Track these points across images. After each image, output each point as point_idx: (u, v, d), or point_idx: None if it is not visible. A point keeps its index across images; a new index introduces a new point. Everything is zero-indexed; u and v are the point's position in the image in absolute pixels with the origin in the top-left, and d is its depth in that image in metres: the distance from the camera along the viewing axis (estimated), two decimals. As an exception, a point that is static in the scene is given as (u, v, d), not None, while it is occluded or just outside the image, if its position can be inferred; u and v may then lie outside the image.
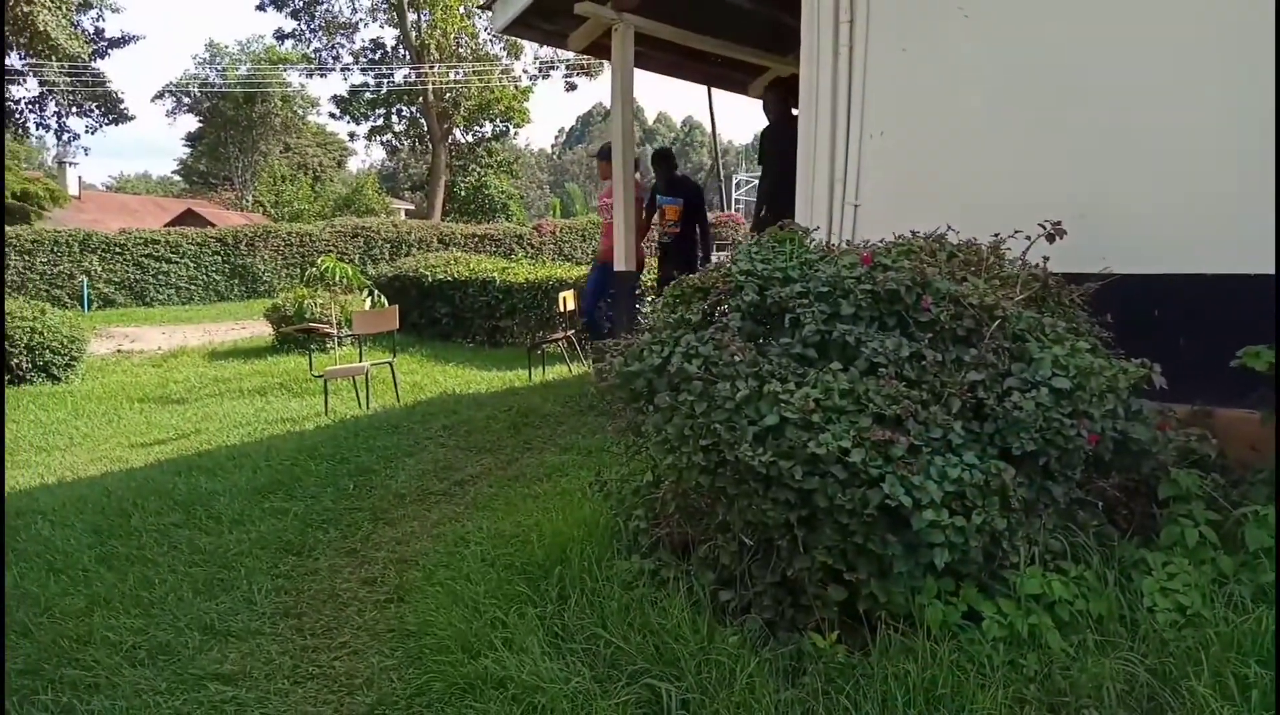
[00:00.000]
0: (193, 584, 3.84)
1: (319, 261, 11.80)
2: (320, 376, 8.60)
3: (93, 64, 28.32)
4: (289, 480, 5.22)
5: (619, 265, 6.84)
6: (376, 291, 12.66)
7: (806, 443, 2.60)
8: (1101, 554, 2.84)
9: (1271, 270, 3.62)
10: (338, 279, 11.92)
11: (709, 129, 58.00)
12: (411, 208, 42.62)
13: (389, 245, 25.18)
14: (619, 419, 3.49)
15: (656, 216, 7.88)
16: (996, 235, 3.65)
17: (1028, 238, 3.71)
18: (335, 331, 10.75)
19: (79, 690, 3.10)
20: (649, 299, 9.97)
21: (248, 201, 37.79)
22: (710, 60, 7.80)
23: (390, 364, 8.89)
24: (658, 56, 7.46)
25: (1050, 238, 3.70)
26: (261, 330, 15.31)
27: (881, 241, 3.55)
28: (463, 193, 36.38)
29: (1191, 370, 3.46)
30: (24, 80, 28.81)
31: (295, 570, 3.98)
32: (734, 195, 35.37)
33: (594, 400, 6.53)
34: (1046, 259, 3.63)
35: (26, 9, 24.82)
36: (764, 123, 7.30)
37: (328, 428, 7.27)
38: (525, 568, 3.45)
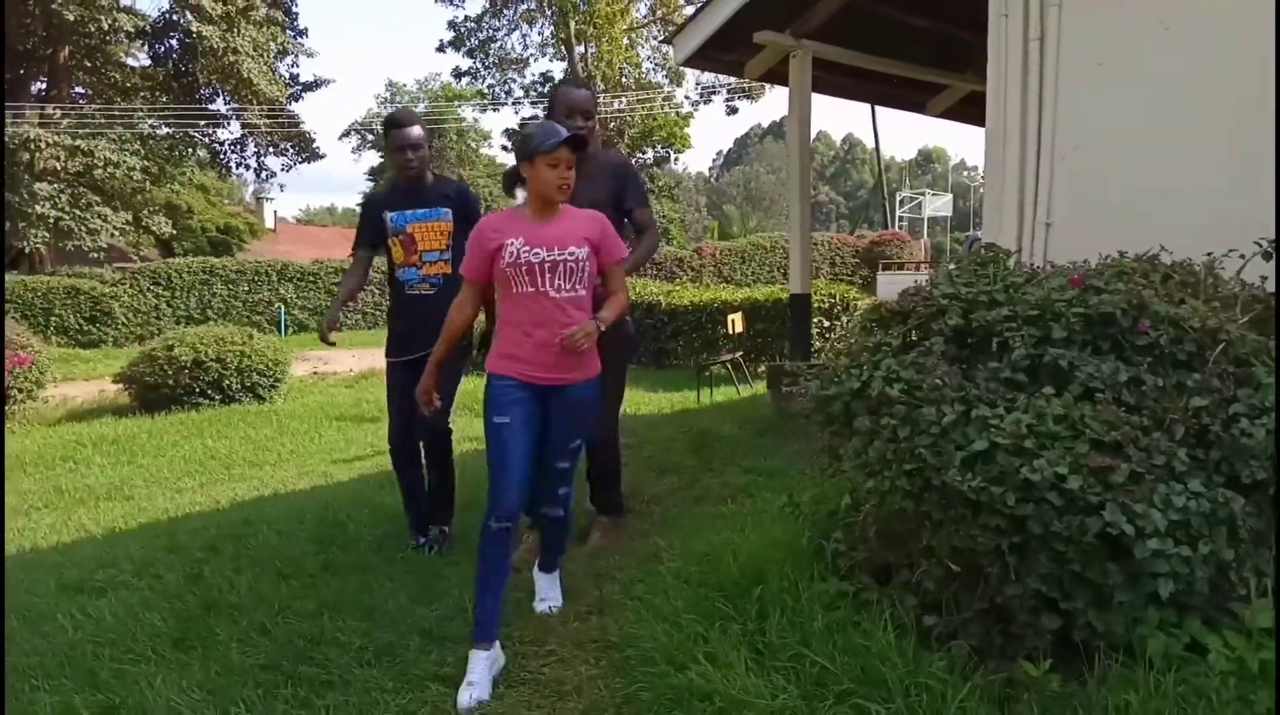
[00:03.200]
0: (409, 591, 4.11)
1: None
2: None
3: (288, 107, 30.58)
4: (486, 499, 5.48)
5: (795, 288, 6.88)
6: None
7: (1019, 468, 2.58)
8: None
9: None
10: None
11: (871, 146, 57.19)
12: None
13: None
14: (814, 442, 3.55)
15: (395, 250, 4.37)
16: (1210, 255, 3.51)
17: (1241, 256, 3.55)
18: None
19: (315, 686, 3.37)
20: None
21: (423, 231, 39.80)
22: (887, 80, 7.77)
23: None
24: (834, 80, 7.51)
25: (1267, 256, 3.54)
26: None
27: (1084, 262, 3.48)
28: (626, 218, 37.15)
29: None
30: (228, 123, 31.44)
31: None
32: (898, 213, 34.65)
33: (772, 422, 6.60)
34: (1265, 279, 3.46)
35: (232, 59, 27.08)
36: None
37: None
38: (722, 585, 3.54)
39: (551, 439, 3.29)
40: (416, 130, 4.25)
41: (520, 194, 3.33)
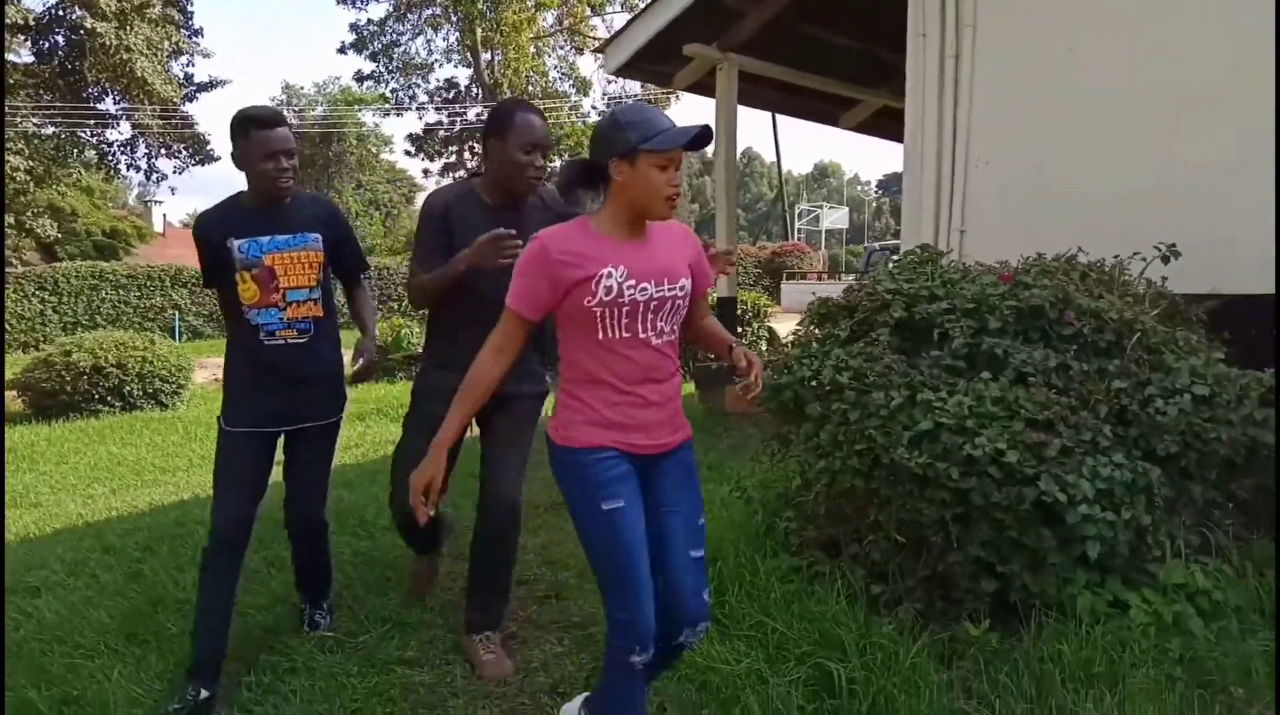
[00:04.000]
0: (364, 583, 4.17)
1: (416, 292, 12.28)
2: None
3: (182, 107, 29.60)
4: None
5: (722, 292, 7.15)
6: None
7: (962, 446, 2.84)
8: (1238, 551, 3.04)
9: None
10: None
11: (768, 159, 58.67)
12: (479, 241, 43.56)
13: (463, 277, 25.87)
14: (748, 436, 3.77)
15: (245, 286, 3.20)
16: (1117, 257, 3.88)
17: (1144, 259, 3.93)
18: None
19: (279, 673, 3.40)
20: None
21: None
22: (806, 94, 8.13)
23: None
24: (758, 93, 7.82)
25: (1165, 259, 3.93)
26: (345, 358, 15.90)
27: (1005, 263, 3.80)
28: (532, 226, 37.17)
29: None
30: (118, 124, 30.21)
31: (454, 571, 4.29)
32: (797, 225, 35.61)
33: (702, 421, 6.82)
34: (1165, 279, 3.85)
35: (125, 57, 26.08)
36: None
37: (440, 448, 7.63)
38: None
39: (675, 521, 2.35)
40: (287, 132, 3.07)
41: (585, 201, 2.45)
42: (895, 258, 4.04)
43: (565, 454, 2.29)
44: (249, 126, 3.02)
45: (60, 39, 27.83)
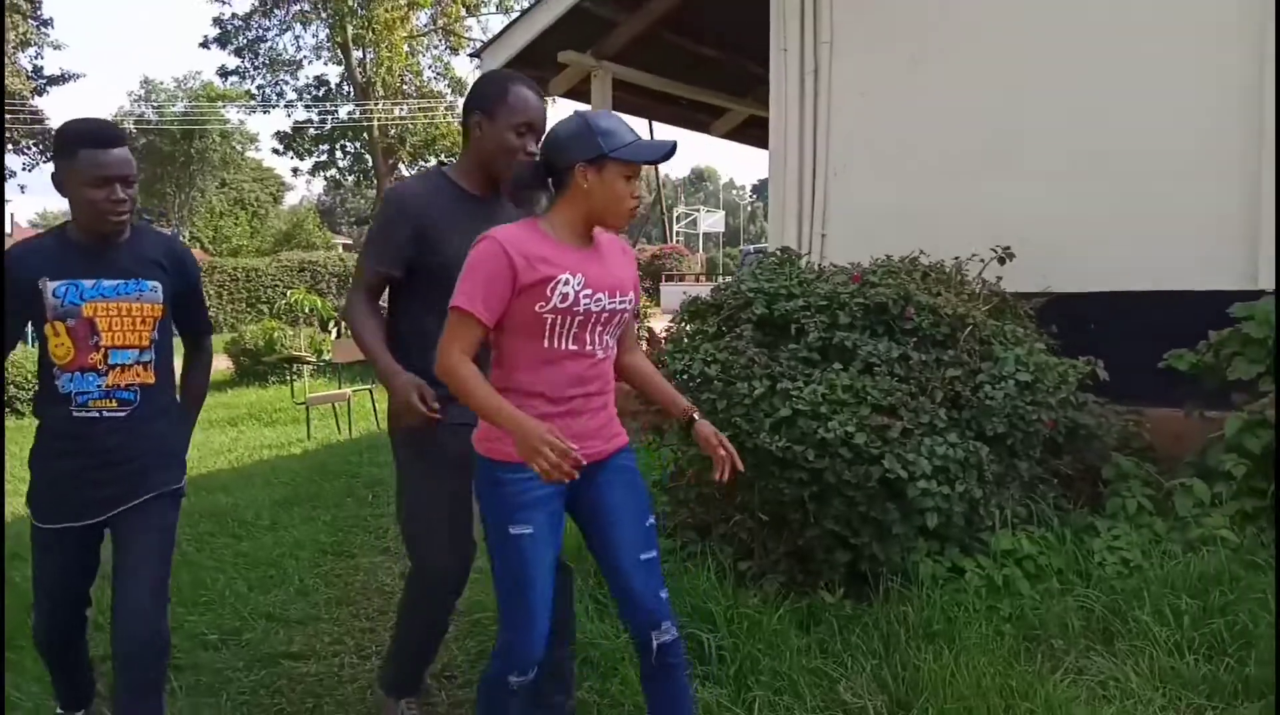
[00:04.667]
0: (246, 581, 4.19)
1: (290, 295, 12.09)
2: (303, 403, 8.92)
3: (30, 101, 28.06)
4: (308, 494, 5.58)
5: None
6: (343, 323, 12.97)
7: (817, 430, 3.12)
8: (1059, 520, 3.43)
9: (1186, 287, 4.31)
10: (307, 311, 12.20)
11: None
12: (350, 242, 42.70)
13: (336, 279, 25.36)
14: (641, 420, 3.97)
15: (56, 342, 2.43)
16: (957, 258, 4.26)
17: (981, 260, 4.33)
18: (314, 360, 11.05)
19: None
20: None
21: (184, 237, 37.49)
22: (678, 102, 8.41)
23: (370, 390, 9.25)
24: (631, 100, 8.04)
25: (1001, 260, 4.33)
26: (217, 364, 15.46)
27: (858, 263, 4.13)
28: (407, 227, 36.63)
29: (1124, 375, 4.06)
30: (-42, 119, 28.38)
31: (337, 568, 4.36)
32: (675, 228, 36.23)
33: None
34: (1000, 278, 4.25)
35: (-35, 46, 24.58)
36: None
37: (318, 452, 7.60)
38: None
39: (620, 526, 2.29)
40: (125, 153, 2.40)
41: (529, 198, 2.37)
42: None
43: (486, 467, 2.20)
44: (76, 145, 2.33)
45: (-109, 26, 26.06)
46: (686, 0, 6.71)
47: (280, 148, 36.50)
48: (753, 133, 9.33)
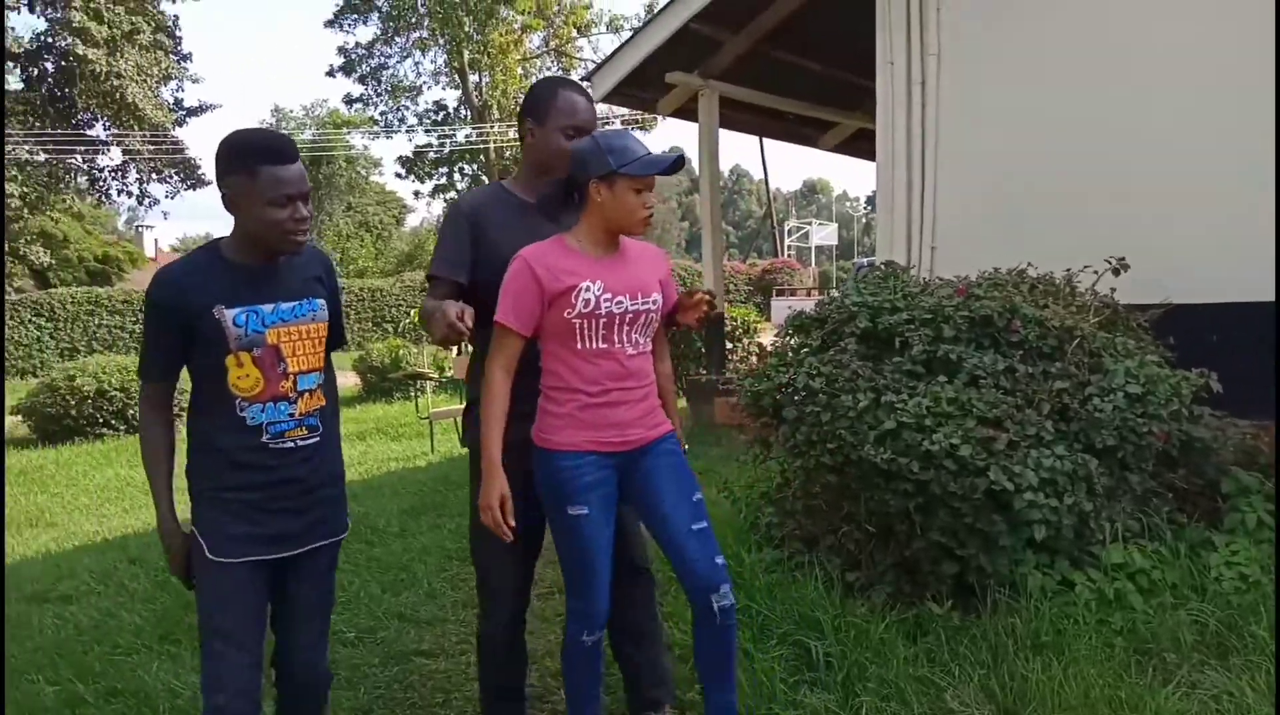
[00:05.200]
0: (379, 584, 4.48)
1: (412, 314, 12.60)
2: (426, 418, 9.32)
3: (172, 132, 29.93)
4: (434, 503, 5.89)
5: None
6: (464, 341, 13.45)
7: (921, 442, 3.17)
8: (1173, 534, 3.38)
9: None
10: (429, 328, 12.71)
11: (757, 177, 59.36)
12: (469, 261, 43.88)
13: (455, 297, 26.20)
14: (735, 445, 4.08)
15: (240, 372, 2.27)
16: (1068, 270, 4.22)
17: (1095, 272, 4.28)
18: (437, 377, 11.52)
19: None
20: None
21: (314, 259, 39.35)
22: (785, 118, 8.50)
23: (488, 405, 9.58)
24: (738, 117, 8.18)
25: (1115, 272, 4.27)
26: (345, 381, 16.23)
27: (965, 276, 4.14)
28: (522, 245, 37.62)
29: (1244, 387, 3.94)
30: (108, 149, 30.53)
31: (462, 572, 4.61)
32: (786, 242, 36.02)
33: (693, 431, 7.14)
34: (1114, 290, 4.19)
35: (116, 83, 26.44)
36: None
37: (441, 464, 7.95)
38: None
39: (669, 502, 2.49)
40: (302, 169, 2.26)
41: (556, 214, 2.56)
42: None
43: (542, 456, 2.46)
44: (255, 160, 2.16)
45: (50, 66, 28.21)
46: (791, 17, 6.81)
47: (402, 172, 37.97)
48: (863, 145, 9.34)
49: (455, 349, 13.16)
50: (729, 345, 12.36)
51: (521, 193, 2.68)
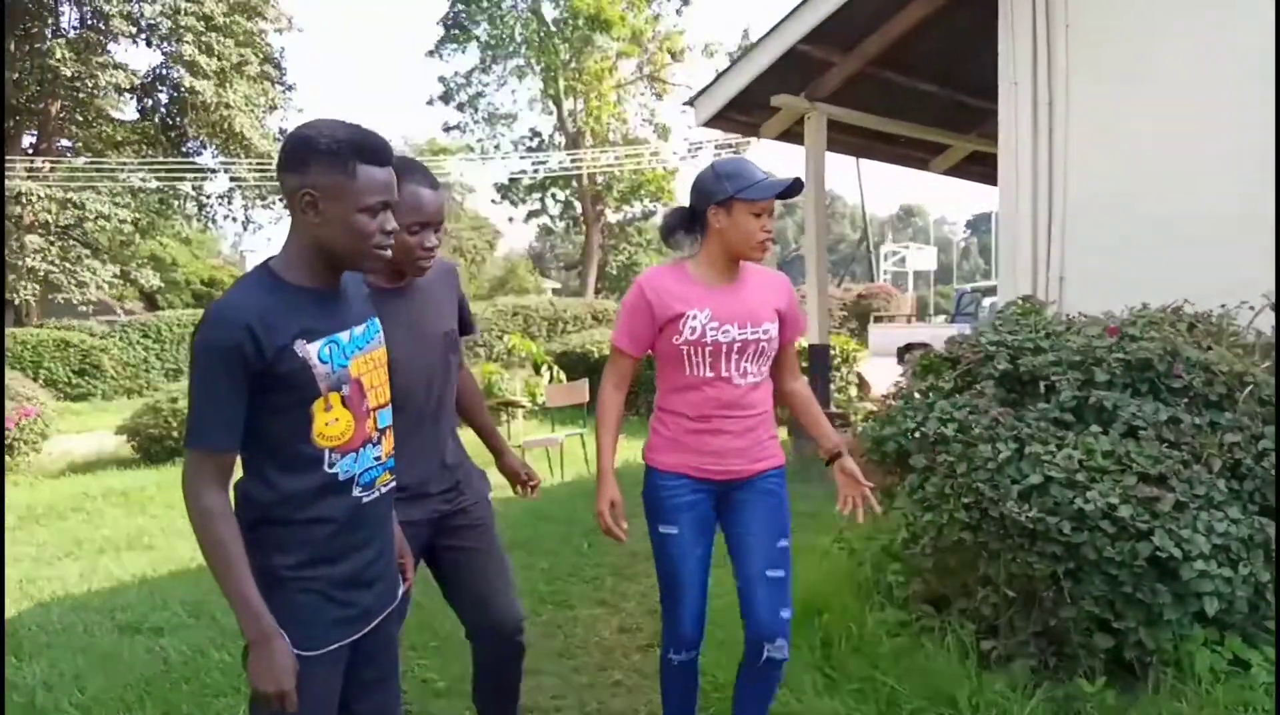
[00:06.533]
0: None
1: (507, 340, 12.60)
2: (519, 447, 9.21)
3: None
4: (525, 538, 5.71)
5: (814, 339, 7.20)
6: (556, 367, 13.37)
7: (1073, 500, 2.84)
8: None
9: None
10: (522, 356, 12.66)
11: (850, 201, 58.51)
12: (559, 286, 44.36)
13: (546, 322, 26.30)
14: (873, 479, 3.79)
15: (329, 417, 1.83)
16: (1224, 306, 3.83)
17: (1251, 308, 3.87)
18: (528, 405, 11.44)
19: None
20: None
21: (411, 283, 40.17)
22: (894, 140, 8.19)
23: (581, 435, 9.43)
24: (846, 140, 7.91)
25: (1275, 308, 3.86)
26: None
27: (1109, 313, 3.79)
28: (614, 271, 37.76)
29: None
30: (215, 177, 31.79)
31: (556, 618, 4.40)
32: (882, 266, 35.28)
33: (795, 468, 6.83)
34: (1276, 328, 3.78)
35: (225, 113, 27.51)
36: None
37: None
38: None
39: (752, 542, 2.49)
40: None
41: (685, 244, 2.55)
42: (989, 300, 4.01)
43: (647, 473, 2.62)
44: (356, 156, 1.75)
45: (163, 97, 29.53)
46: (903, 36, 6.52)
47: (497, 198, 38.54)
48: (975, 169, 8.95)
49: (548, 376, 13.10)
50: (829, 374, 12.04)
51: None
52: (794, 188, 2.41)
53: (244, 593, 1.70)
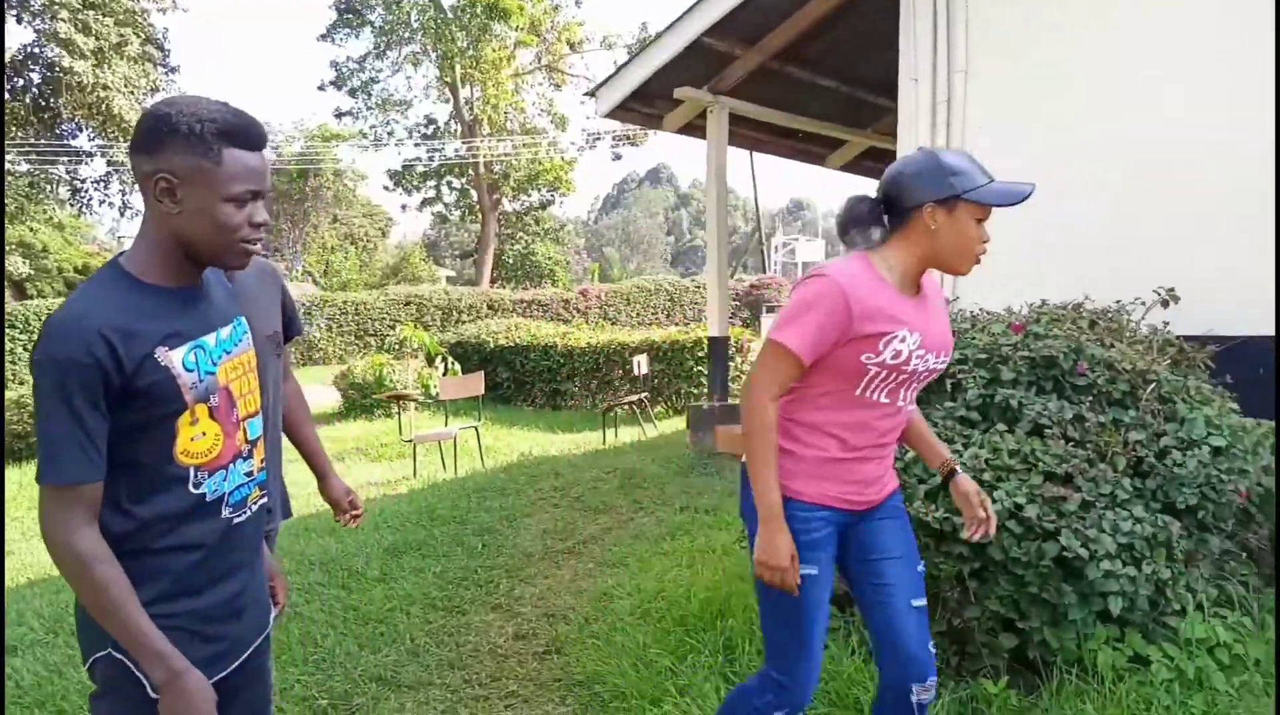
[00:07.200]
0: (356, 639, 4.04)
1: (398, 330, 12.18)
2: (410, 441, 8.89)
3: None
4: (416, 541, 5.46)
5: (713, 331, 7.12)
6: (450, 358, 13.02)
7: (980, 499, 2.79)
8: (1256, 602, 3.00)
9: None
10: (415, 346, 12.27)
11: (742, 194, 59.23)
12: (453, 274, 43.55)
13: (440, 312, 25.75)
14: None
15: (194, 431, 1.59)
16: (1119, 302, 3.87)
17: (1143, 303, 3.93)
18: (421, 397, 11.08)
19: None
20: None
21: (298, 272, 38.82)
22: (794, 135, 8.17)
23: (476, 428, 9.17)
24: (747, 134, 7.86)
25: (1164, 303, 3.93)
26: (325, 397, 15.68)
27: (1011, 310, 3.79)
28: (510, 260, 37.27)
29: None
30: (91, 160, 30.09)
31: (448, 625, 4.19)
32: (773, 258, 35.81)
33: (694, 461, 6.76)
34: (1166, 324, 3.84)
35: (103, 94, 26.07)
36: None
37: (425, 492, 7.51)
38: (684, 620, 3.64)
39: (895, 568, 2.15)
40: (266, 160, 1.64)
41: (862, 235, 2.09)
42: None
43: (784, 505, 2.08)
44: (222, 140, 1.54)
45: (35, 76, 27.81)
46: (805, 33, 6.48)
47: (390, 184, 37.55)
48: (869, 165, 9.03)
49: (442, 368, 12.75)
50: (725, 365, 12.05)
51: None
52: (1029, 197, 2.03)
53: (142, 632, 1.49)
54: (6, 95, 27.66)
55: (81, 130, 28.87)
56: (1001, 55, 5.17)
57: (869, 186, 5.68)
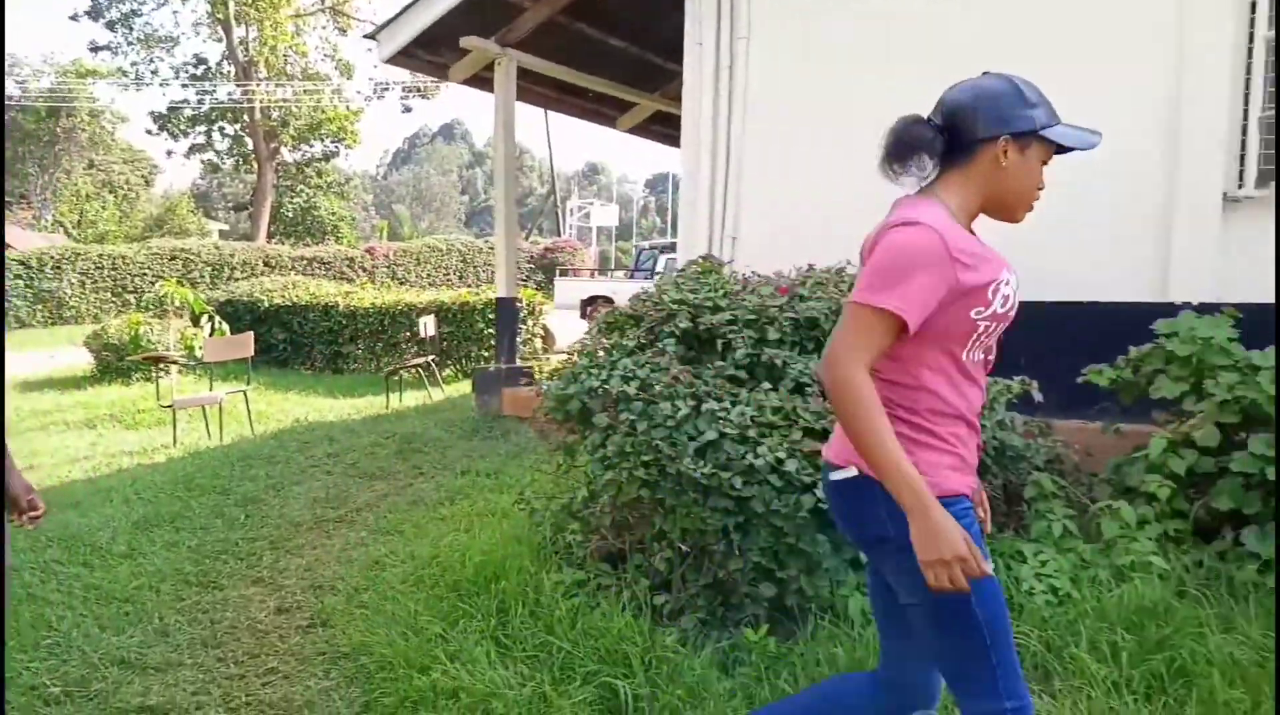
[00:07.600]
0: (97, 620, 3.70)
1: (158, 286, 11.24)
2: (169, 406, 8.24)
3: None
4: (171, 513, 5.06)
5: (501, 292, 6.99)
6: (217, 318, 12.17)
7: (745, 455, 2.88)
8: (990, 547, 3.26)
9: (1093, 298, 4.24)
10: (178, 304, 11.38)
11: (538, 155, 58.71)
12: (226, 228, 40.80)
13: (210, 268, 24.09)
14: (527, 442, 3.66)
15: None
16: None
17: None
18: (184, 359, 10.28)
19: (-11, 732, 2.97)
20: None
21: (47, 221, 35.16)
22: (585, 95, 8.10)
23: (245, 392, 8.62)
24: (537, 90, 7.71)
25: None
26: (77, 359, 14.30)
27: (780, 273, 3.91)
28: (290, 214, 35.26)
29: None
30: None
31: (203, 602, 3.91)
32: (568, 221, 35.88)
33: (478, 424, 6.63)
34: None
35: None
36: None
37: (184, 461, 6.99)
38: (458, 585, 3.56)
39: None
40: None
41: (919, 164, 1.83)
42: (666, 257, 4.00)
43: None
44: None
45: None
46: (595, -12, 6.42)
47: (154, 128, 34.57)
48: (657, 129, 9.11)
49: (208, 328, 11.90)
50: (516, 327, 11.92)
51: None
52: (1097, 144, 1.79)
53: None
54: None
55: None
56: (779, 25, 5.32)
57: (660, 152, 5.76)
